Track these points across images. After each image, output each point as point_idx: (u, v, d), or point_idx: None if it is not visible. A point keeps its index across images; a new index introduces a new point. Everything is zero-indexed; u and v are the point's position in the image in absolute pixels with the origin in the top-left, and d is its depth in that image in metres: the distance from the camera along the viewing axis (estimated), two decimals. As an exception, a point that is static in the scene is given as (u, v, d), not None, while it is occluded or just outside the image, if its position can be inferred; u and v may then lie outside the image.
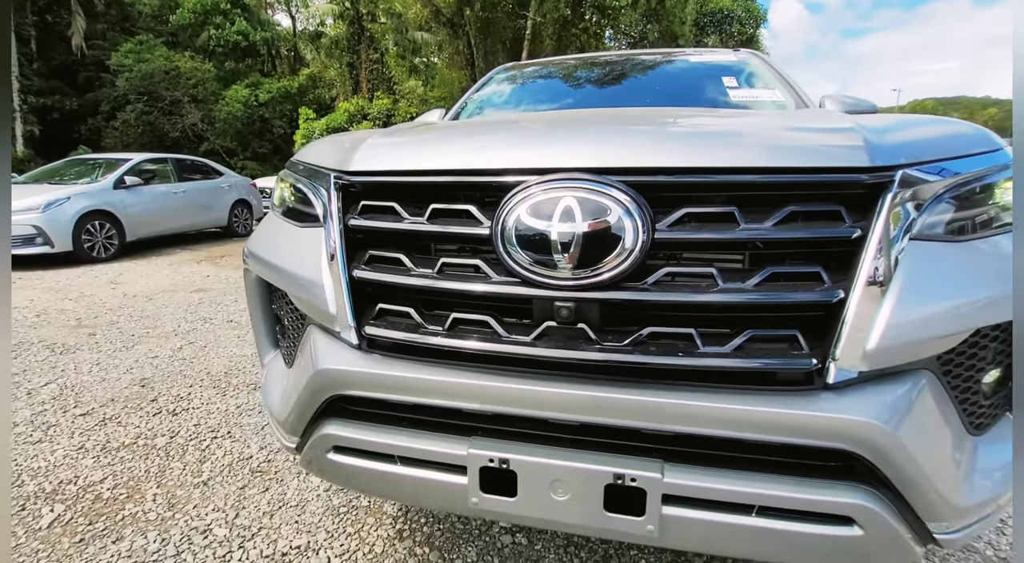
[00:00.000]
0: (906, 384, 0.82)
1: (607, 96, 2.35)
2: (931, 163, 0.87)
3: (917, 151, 0.88)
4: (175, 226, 8.31)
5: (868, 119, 1.05)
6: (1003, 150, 1.00)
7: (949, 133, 1.02)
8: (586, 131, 0.99)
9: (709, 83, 2.32)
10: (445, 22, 18.78)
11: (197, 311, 4.50)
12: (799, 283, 0.80)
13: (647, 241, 0.80)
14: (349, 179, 1.03)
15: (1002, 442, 0.95)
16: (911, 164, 0.85)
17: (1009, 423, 0.99)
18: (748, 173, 0.81)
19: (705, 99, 2.20)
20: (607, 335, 0.85)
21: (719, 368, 0.79)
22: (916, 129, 0.98)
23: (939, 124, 1.04)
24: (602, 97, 2.35)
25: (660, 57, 2.66)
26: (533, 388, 0.86)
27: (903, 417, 0.78)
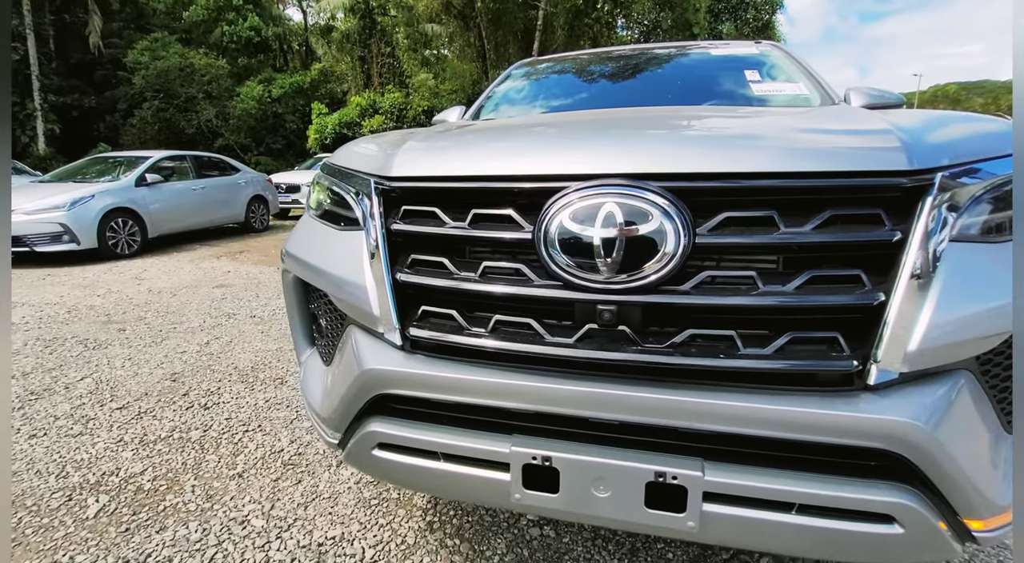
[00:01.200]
0: (945, 384, 0.83)
1: (629, 91, 2.34)
2: (969, 164, 0.88)
3: (955, 152, 0.89)
4: (194, 222, 8.45)
5: (903, 118, 1.05)
6: None
7: (985, 132, 1.02)
8: (626, 137, 1.01)
9: (732, 77, 2.30)
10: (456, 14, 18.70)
11: (220, 307, 4.60)
12: (839, 286, 0.82)
13: (688, 245, 0.82)
14: (390, 184, 1.06)
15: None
16: (950, 166, 0.86)
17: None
18: (787, 178, 0.82)
19: (729, 94, 2.19)
20: (648, 337, 0.87)
21: (760, 370, 0.81)
22: (952, 129, 0.98)
23: (974, 122, 1.04)
24: (624, 92, 2.35)
25: (680, 50, 2.65)
26: (575, 388, 0.89)
27: (943, 417, 0.80)
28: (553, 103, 2.41)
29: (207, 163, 9.21)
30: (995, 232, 0.87)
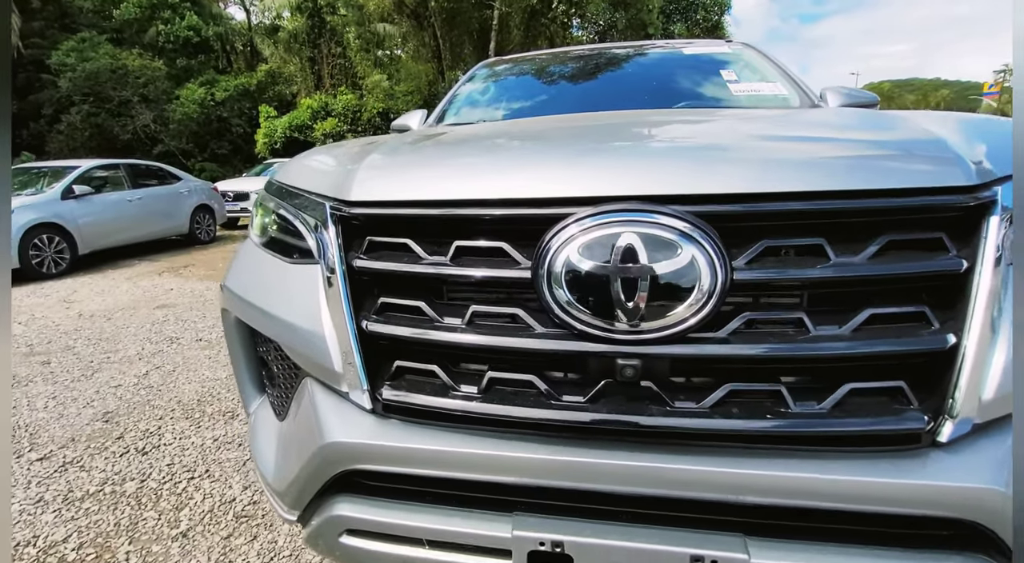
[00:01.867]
0: (1007, 432, 0.72)
1: (603, 92, 2.21)
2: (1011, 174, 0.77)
3: (1003, 161, 0.78)
4: (132, 236, 7.82)
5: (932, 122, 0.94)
6: None
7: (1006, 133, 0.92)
8: (641, 150, 0.85)
9: (708, 77, 2.21)
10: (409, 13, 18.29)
11: (162, 330, 4.20)
12: (902, 326, 0.69)
13: (725, 282, 0.67)
14: (350, 211, 0.86)
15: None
16: (1005, 178, 0.75)
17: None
18: (839, 198, 0.68)
19: (707, 94, 2.09)
20: (678, 394, 0.72)
21: (815, 433, 0.67)
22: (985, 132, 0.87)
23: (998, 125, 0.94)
24: (598, 93, 2.21)
25: (653, 49, 2.54)
26: (589, 459, 0.73)
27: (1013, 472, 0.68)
28: (525, 106, 2.25)
29: (144, 172, 8.54)
30: None
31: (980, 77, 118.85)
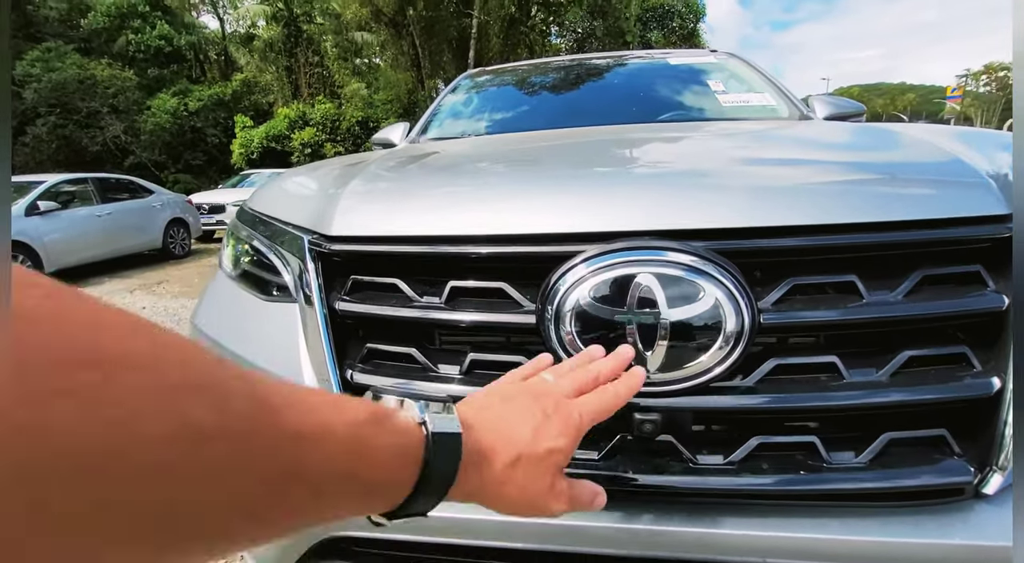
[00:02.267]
0: None
1: (592, 105, 2.16)
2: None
3: None
4: (102, 252, 7.53)
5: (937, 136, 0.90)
6: None
7: None
8: (653, 180, 0.78)
9: (697, 88, 2.18)
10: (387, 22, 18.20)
11: (134, 353, 4.00)
12: (942, 369, 0.63)
13: (753, 324, 0.61)
14: (331, 247, 0.78)
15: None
16: (1036, 203, 0.70)
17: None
18: (871, 231, 0.63)
19: (696, 106, 2.06)
20: (701, 449, 0.65)
21: (854, 490, 0.61)
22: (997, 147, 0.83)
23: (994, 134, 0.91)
24: (587, 105, 2.16)
25: (638, 59, 2.51)
26: (603, 524, 0.65)
27: None
28: (512, 118, 2.19)
29: (114, 185, 8.26)
30: None
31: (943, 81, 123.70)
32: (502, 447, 0.41)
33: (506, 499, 0.42)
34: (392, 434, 0.35)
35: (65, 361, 0.19)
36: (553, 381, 0.50)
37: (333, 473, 0.30)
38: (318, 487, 0.30)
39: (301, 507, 0.29)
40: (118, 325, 0.22)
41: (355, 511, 0.34)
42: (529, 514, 0.44)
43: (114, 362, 0.21)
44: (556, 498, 0.44)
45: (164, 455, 0.21)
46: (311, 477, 0.29)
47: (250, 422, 0.26)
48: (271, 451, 0.27)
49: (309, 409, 0.30)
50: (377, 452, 0.34)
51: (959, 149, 0.80)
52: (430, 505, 0.38)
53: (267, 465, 0.26)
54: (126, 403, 0.20)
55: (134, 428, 0.20)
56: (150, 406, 0.21)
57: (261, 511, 0.27)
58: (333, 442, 0.30)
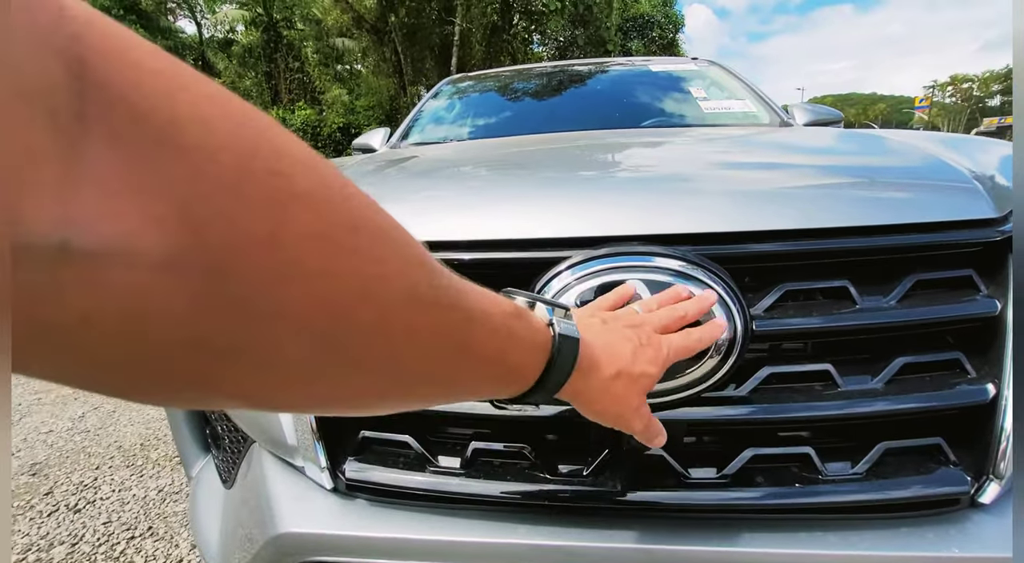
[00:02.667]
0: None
1: (574, 110, 2.15)
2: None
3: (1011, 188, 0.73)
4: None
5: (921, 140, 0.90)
6: None
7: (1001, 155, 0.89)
8: (639, 183, 0.76)
9: (679, 94, 2.19)
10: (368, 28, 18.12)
11: (103, 365, 3.85)
12: (936, 376, 0.62)
13: (746, 332, 0.58)
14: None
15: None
16: (1022, 207, 0.70)
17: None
18: (864, 234, 0.61)
19: (678, 112, 2.06)
20: (693, 462, 0.62)
21: (852, 502, 0.59)
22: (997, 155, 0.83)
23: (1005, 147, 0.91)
24: (569, 111, 2.15)
25: (620, 66, 2.51)
26: (591, 544, 0.62)
27: None
28: (494, 123, 2.16)
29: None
30: None
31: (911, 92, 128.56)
32: (607, 360, 0.46)
33: (601, 405, 0.47)
34: (529, 328, 0.40)
35: (351, 227, 0.24)
36: (643, 313, 0.53)
37: (490, 352, 0.35)
38: (479, 361, 0.34)
39: (464, 376, 0.34)
40: (362, 197, 0.26)
41: (494, 389, 0.40)
42: (614, 424, 0.50)
43: (373, 230, 0.25)
44: (640, 418, 0.49)
45: (399, 309, 0.26)
46: (476, 352, 0.34)
47: (449, 298, 0.30)
48: (458, 325, 0.31)
49: (479, 297, 0.34)
50: (520, 340, 0.38)
51: (943, 153, 0.80)
52: (545, 397, 0.43)
53: (454, 337, 0.31)
54: (380, 264, 0.25)
55: (384, 284, 0.25)
56: (393, 269, 0.26)
57: (441, 374, 0.32)
58: (494, 327, 0.35)
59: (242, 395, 0.24)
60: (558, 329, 0.42)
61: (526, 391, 0.41)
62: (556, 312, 0.46)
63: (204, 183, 0.19)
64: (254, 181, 0.21)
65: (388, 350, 0.27)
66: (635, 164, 0.91)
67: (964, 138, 0.95)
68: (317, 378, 0.25)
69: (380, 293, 0.25)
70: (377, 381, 0.28)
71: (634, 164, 0.91)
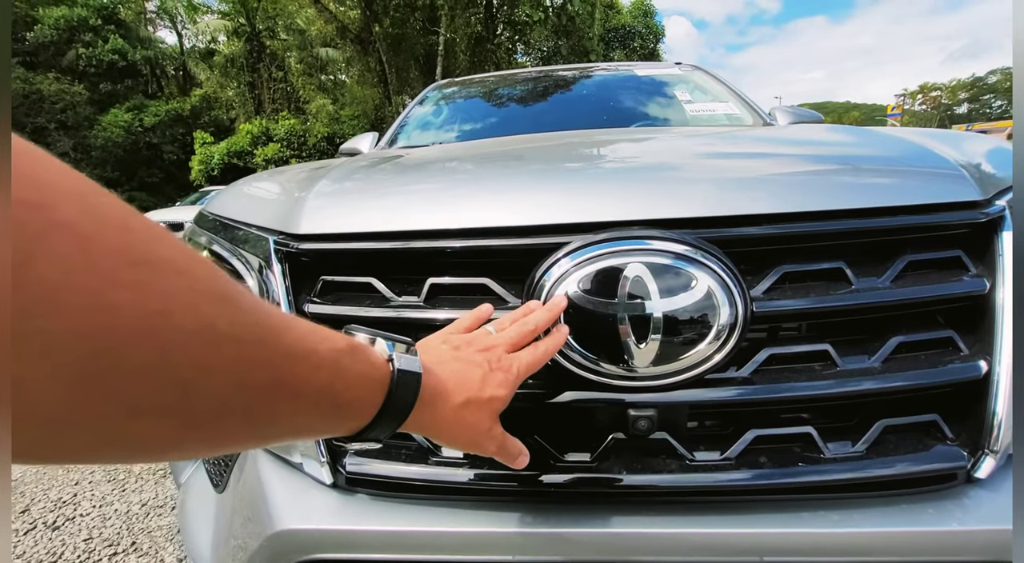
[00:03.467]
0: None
1: (562, 113, 2.17)
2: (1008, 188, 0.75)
3: (998, 175, 0.75)
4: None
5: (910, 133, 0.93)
6: None
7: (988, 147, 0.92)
8: (641, 170, 0.76)
9: (664, 97, 2.22)
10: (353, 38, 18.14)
11: (81, 379, 3.75)
12: (931, 354, 0.63)
13: (746, 314, 0.59)
14: (299, 246, 0.73)
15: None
16: (1005, 190, 0.72)
17: None
18: (854, 217, 0.62)
19: (664, 114, 2.09)
20: (698, 446, 0.63)
21: (854, 480, 0.59)
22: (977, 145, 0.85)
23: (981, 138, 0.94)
24: (557, 114, 2.17)
25: (607, 70, 2.55)
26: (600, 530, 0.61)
27: None
28: (482, 127, 2.17)
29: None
30: None
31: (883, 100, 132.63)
32: (456, 389, 0.47)
33: (452, 433, 0.48)
34: (365, 364, 0.40)
35: (130, 261, 0.23)
36: (495, 334, 0.55)
37: (314, 388, 0.34)
38: (300, 399, 0.33)
39: (284, 414, 0.33)
40: (148, 229, 0.25)
41: (326, 427, 0.39)
42: (468, 449, 0.51)
43: (158, 265, 0.24)
44: (492, 440, 0.51)
45: (187, 346, 0.25)
46: (296, 389, 0.33)
47: (254, 334, 0.29)
48: (267, 362, 0.30)
49: (302, 334, 0.34)
50: (352, 376, 0.38)
51: (929, 143, 0.82)
52: (388, 431, 0.42)
53: (263, 373, 0.30)
54: (165, 299, 0.24)
55: (169, 319, 0.24)
56: (181, 304, 0.25)
57: (254, 413, 0.30)
58: (317, 362, 0.34)
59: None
60: (397, 364, 0.43)
61: (364, 427, 0.41)
62: (398, 347, 0.46)
63: None
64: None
65: (174, 390, 0.25)
66: (629, 155, 0.92)
67: (947, 131, 0.98)
68: (80, 423, 0.23)
69: (162, 330, 0.24)
70: (163, 425, 0.26)
71: (628, 155, 0.92)
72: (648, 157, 0.90)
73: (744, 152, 0.87)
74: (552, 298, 0.59)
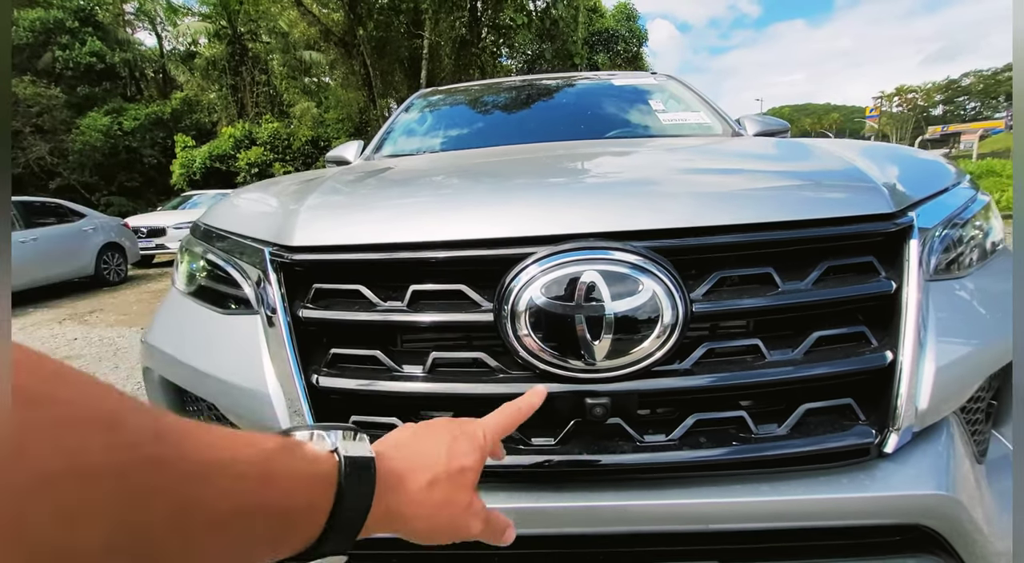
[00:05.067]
0: (941, 435, 0.78)
1: (540, 122, 2.27)
2: (930, 199, 0.86)
3: (918, 188, 0.86)
4: (26, 282, 6.99)
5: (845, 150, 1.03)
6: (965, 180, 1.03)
7: (924, 163, 1.03)
8: (598, 188, 0.86)
9: (639, 107, 2.33)
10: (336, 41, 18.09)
11: (66, 386, 3.73)
12: (846, 346, 0.73)
13: (686, 314, 0.68)
14: (293, 257, 0.81)
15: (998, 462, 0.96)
16: (919, 203, 0.83)
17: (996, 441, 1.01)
18: (782, 228, 0.72)
19: (639, 123, 2.20)
20: (647, 429, 0.72)
21: (779, 456, 0.69)
22: (900, 160, 0.97)
23: (909, 152, 1.05)
24: (535, 122, 2.26)
25: (584, 80, 2.65)
26: (563, 504, 0.70)
27: (954, 475, 0.74)
28: (463, 135, 2.26)
29: (40, 209, 7.73)
30: (958, 265, 0.86)
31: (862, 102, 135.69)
32: (418, 469, 0.41)
33: (428, 521, 0.41)
34: (304, 461, 0.34)
35: None
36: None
37: (239, 505, 0.28)
38: (222, 522, 0.27)
39: (202, 546, 0.27)
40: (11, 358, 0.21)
41: (269, 549, 0.32)
42: (450, 536, 0.43)
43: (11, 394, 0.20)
44: (474, 516, 0.43)
45: (54, 493, 0.20)
46: (213, 510, 0.27)
47: (142, 456, 0.24)
48: (167, 485, 0.25)
49: (210, 442, 0.28)
50: (289, 479, 0.32)
51: (857, 160, 0.93)
52: (346, 541, 0.35)
53: (163, 501, 0.25)
54: (16, 438, 0.20)
55: (24, 464, 0.20)
56: (40, 442, 0.20)
57: (161, 551, 0.25)
58: (237, 473, 0.29)
59: None
60: (344, 452, 0.36)
61: (317, 540, 0.34)
62: (345, 435, 0.39)
63: None
64: None
65: (53, 535, 0.20)
66: (594, 171, 1.01)
67: (881, 147, 1.09)
68: None
69: (11, 473, 0.19)
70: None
71: (593, 171, 1.02)
72: (609, 174, 0.99)
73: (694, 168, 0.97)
74: (533, 388, 0.57)
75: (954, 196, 0.93)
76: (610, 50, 24.52)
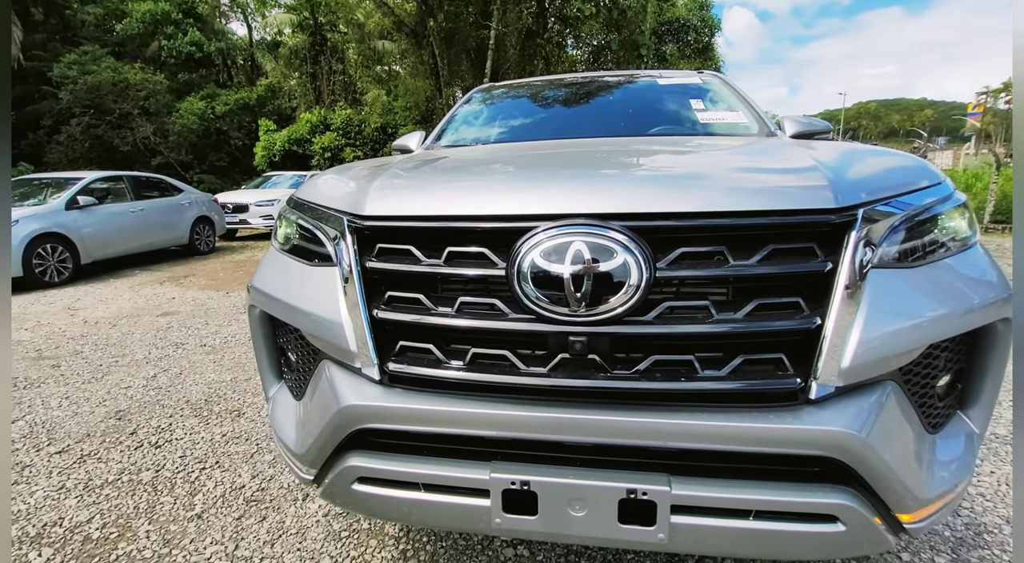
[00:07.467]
0: (874, 394, 0.94)
1: (584, 118, 2.47)
2: (887, 199, 1.01)
3: (873, 188, 1.01)
4: (133, 246, 8.00)
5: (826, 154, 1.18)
6: (945, 183, 1.15)
7: (897, 167, 1.17)
8: (589, 178, 1.09)
9: (679, 105, 2.47)
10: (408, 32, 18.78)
11: (167, 336, 4.37)
12: (782, 312, 0.92)
13: (649, 279, 0.90)
14: (364, 223, 1.09)
15: (955, 438, 1.10)
16: (871, 202, 0.98)
17: (960, 421, 1.14)
18: (735, 217, 0.92)
19: (677, 121, 2.34)
20: (616, 364, 0.94)
21: (717, 391, 0.89)
22: (868, 165, 1.11)
23: (888, 157, 1.19)
24: (579, 119, 2.47)
25: (629, 79, 2.81)
26: (550, 414, 0.94)
27: (874, 424, 0.90)
28: (514, 129, 2.50)
29: (147, 183, 8.76)
30: (912, 257, 1.00)
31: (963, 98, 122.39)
32: None
33: None
34: None
35: None
36: None
37: None
38: None
39: None
40: None
41: None
42: None
43: None
44: None
45: None
46: None
47: None
48: None
49: None
50: None
51: (828, 161, 1.09)
52: None
53: None
54: None
55: None
56: None
57: None
58: None
59: None
60: None
61: None
62: None
63: None
64: None
65: None
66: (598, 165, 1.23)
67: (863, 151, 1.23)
68: None
69: None
70: None
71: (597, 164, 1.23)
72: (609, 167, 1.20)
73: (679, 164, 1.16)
74: None
75: (919, 197, 1.06)
76: (680, 41, 23.76)
